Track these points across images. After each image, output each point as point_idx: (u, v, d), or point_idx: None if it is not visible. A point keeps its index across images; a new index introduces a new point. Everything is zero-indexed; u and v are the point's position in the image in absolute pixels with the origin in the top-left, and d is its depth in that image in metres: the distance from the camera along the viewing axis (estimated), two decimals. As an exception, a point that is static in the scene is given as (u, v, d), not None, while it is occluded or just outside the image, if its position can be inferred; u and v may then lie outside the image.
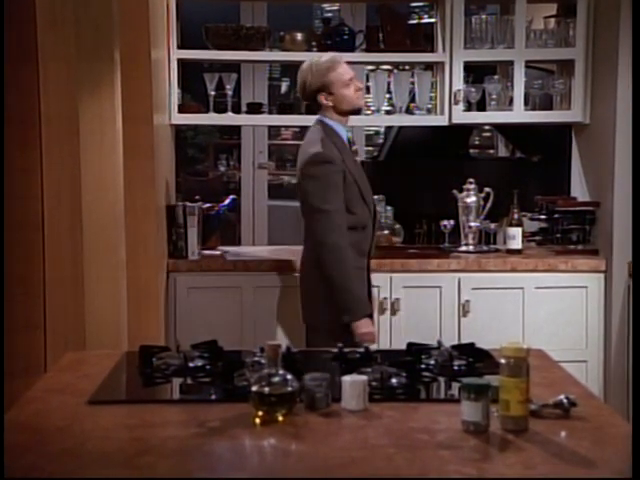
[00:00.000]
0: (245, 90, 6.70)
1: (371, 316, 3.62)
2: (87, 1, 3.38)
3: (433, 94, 4.56)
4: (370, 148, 7.41)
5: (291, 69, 3.87)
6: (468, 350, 2.55)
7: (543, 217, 4.52)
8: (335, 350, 2.56)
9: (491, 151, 7.14)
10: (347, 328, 3.45)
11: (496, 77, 4.56)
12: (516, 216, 4.37)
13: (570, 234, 4.41)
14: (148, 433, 1.98)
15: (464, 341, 2.94)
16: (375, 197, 4.06)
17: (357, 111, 3.65)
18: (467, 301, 4.16)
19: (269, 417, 2.01)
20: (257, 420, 2.01)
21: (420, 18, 6.58)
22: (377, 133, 7.63)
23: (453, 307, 4.17)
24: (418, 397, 2.28)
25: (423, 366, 2.46)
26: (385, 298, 4.14)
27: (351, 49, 4.48)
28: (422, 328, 4.05)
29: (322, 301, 3.53)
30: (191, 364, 2.48)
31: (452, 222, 4.42)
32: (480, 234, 4.45)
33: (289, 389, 2.03)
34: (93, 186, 3.43)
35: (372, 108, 4.72)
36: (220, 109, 4.42)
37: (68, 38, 3.32)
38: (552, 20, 4.51)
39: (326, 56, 3.62)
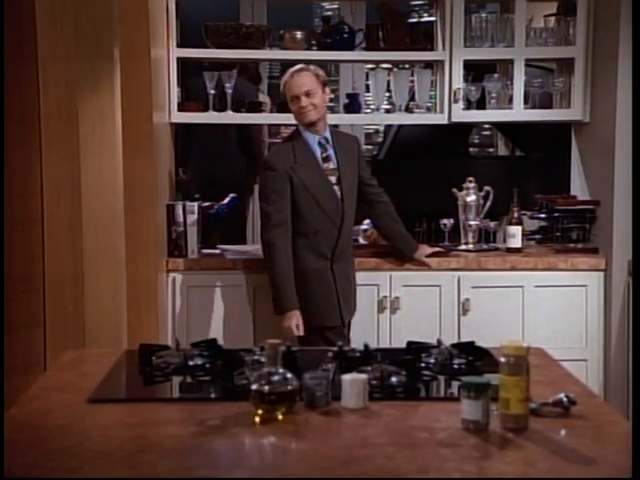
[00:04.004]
0: (245, 88, 6.68)
1: (351, 312, 3.86)
2: (87, 0, 3.39)
3: (433, 92, 4.55)
4: (370, 147, 7.39)
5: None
6: (468, 348, 2.55)
7: (543, 216, 4.51)
8: (335, 349, 2.56)
9: (491, 150, 7.12)
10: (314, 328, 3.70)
11: (496, 75, 4.55)
12: (516, 215, 4.36)
13: (570, 232, 4.40)
14: (148, 431, 1.99)
15: (464, 340, 2.95)
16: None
17: (308, 125, 3.72)
18: (467, 300, 4.15)
19: (269, 415, 2.02)
20: (257, 418, 2.02)
21: (420, 17, 6.57)
22: (377, 132, 7.61)
23: (453, 306, 4.17)
24: (418, 396, 2.28)
25: (423, 365, 2.47)
26: (385, 297, 4.14)
27: (351, 47, 4.48)
28: (422, 327, 4.05)
29: None
30: (191, 362, 2.48)
31: (452, 221, 4.42)
32: (480, 233, 4.44)
33: (289, 387, 2.04)
34: (93, 184, 3.43)
35: (372, 106, 4.71)
36: (220, 107, 4.41)
37: (68, 37, 3.32)
38: (552, 18, 4.51)
39: (292, 68, 3.76)
